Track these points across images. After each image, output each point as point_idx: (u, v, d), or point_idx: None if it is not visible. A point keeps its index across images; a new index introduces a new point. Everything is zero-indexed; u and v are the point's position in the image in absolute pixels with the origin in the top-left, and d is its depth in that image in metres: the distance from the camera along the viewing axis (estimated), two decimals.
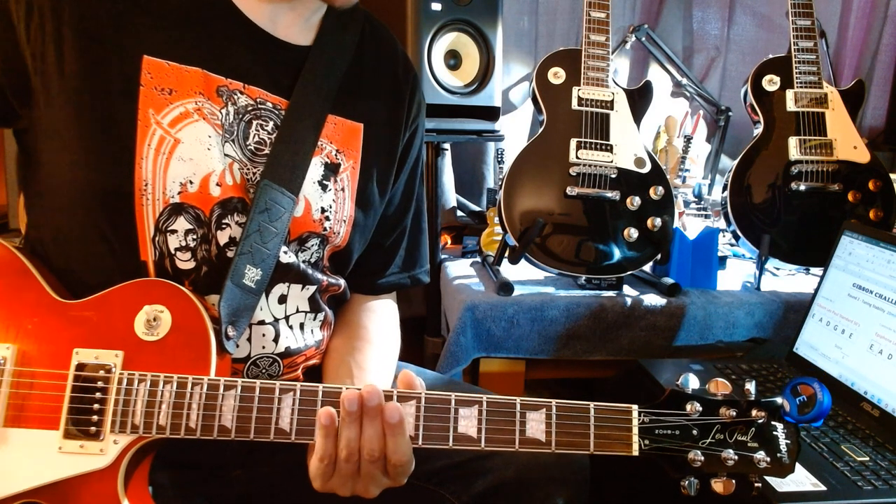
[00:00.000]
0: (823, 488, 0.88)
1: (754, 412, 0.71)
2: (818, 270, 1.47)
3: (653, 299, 1.46)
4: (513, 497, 0.88)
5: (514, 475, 0.87)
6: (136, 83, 0.77)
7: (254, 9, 0.84)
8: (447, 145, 1.94)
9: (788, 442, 0.71)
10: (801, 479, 0.90)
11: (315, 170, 0.87)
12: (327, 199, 0.88)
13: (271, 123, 0.84)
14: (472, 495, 0.89)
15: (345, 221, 0.91)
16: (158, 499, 0.77)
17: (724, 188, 1.59)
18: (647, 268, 1.57)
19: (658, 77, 2.06)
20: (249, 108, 0.83)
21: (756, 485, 0.72)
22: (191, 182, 0.80)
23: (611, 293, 1.49)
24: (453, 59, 1.65)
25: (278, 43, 0.85)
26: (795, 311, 1.47)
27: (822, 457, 0.96)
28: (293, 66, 0.86)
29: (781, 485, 0.88)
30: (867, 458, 0.96)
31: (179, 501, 0.87)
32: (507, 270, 1.57)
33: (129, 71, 0.77)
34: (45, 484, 0.71)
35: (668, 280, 1.50)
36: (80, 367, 0.73)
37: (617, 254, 1.48)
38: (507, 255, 1.51)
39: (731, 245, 1.81)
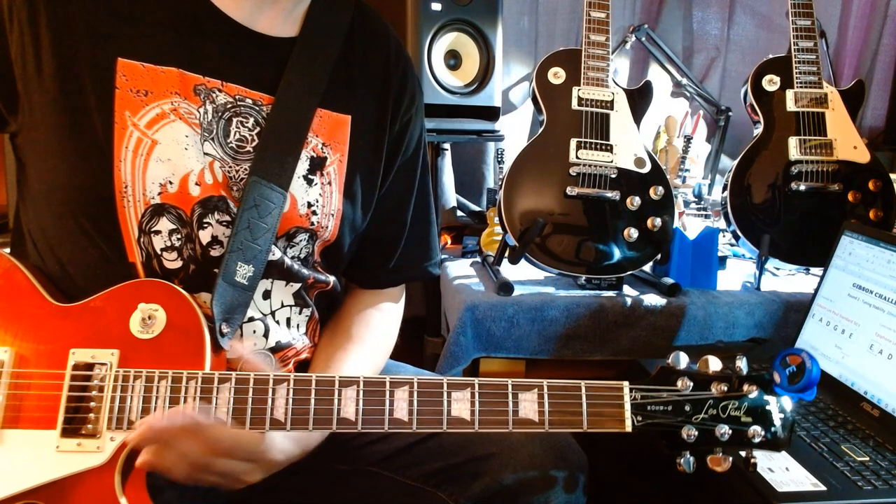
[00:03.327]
0: (823, 488, 0.88)
1: (745, 386, 0.72)
2: (818, 270, 1.47)
3: (653, 299, 1.46)
4: (510, 499, 0.87)
5: (512, 477, 0.87)
6: (111, 86, 0.77)
7: (232, 5, 0.83)
8: (447, 145, 1.94)
9: (782, 416, 0.72)
10: (801, 479, 0.89)
11: (300, 164, 0.86)
12: (313, 193, 0.88)
13: (252, 120, 0.84)
14: (469, 497, 0.89)
15: (333, 215, 0.90)
16: (157, 500, 0.76)
17: (724, 188, 1.59)
18: (647, 268, 1.56)
19: (658, 77, 2.05)
20: (229, 106, 0.83)
21: (752, 460, 0.72)
22: (170, 182, 0.80)
23: (611, 293, 1.48)
24: (453, 59, 1.65)
25: (259, 38, 0.85)
26: (795, 311, 1.46)
27: (822, 457, 0.96)
28: (276, 59, 0.85)
29: (781, 485, 0.88)
30: (867, 458, 0.95)
31: (178, 503, 0.87)
32: (507, 270, 1.56)
33: (104, 74, 0.77)
34: (44, 483, 0.71)
35: (668, 280, 1.50)
36: (77, 366, 0.73)
37: (617, 254, 1.47)
38: (507, 255, 1.51)
39: (731, 245, 1.80)
